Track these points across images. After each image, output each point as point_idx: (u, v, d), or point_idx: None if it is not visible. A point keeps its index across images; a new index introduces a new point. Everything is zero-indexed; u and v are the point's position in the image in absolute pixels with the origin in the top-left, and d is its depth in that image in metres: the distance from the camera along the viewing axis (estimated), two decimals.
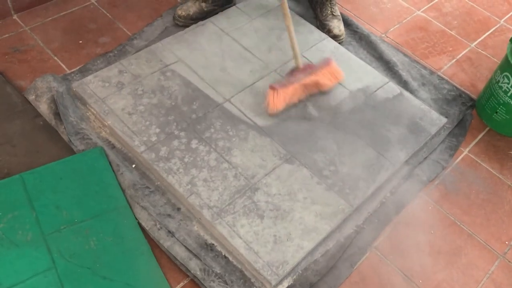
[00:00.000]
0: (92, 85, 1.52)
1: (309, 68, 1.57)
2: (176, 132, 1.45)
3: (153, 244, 1.26)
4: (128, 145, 1.42)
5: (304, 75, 1.55)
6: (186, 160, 1.40)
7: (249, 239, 1.27)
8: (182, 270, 1.23)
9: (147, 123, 1.46)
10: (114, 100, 1.49)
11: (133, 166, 1.40)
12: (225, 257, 1.27)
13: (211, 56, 1.68)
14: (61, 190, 1.29)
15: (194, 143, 1.44)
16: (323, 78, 1.58)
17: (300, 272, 1.26)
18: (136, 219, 1.29)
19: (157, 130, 1.45)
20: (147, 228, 1.28)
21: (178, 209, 1.34)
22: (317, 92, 1.60)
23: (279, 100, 1.50)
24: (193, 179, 1.36)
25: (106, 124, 1.45)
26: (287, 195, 1.36)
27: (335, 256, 1.31)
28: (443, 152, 1.60)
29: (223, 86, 1.60)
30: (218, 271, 1.23)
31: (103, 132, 1.46)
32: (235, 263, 1.26)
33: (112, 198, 1.31)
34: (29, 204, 1.25)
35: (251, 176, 1.39)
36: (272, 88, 1.49)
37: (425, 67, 1.84)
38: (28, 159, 1.35)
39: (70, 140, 1.39)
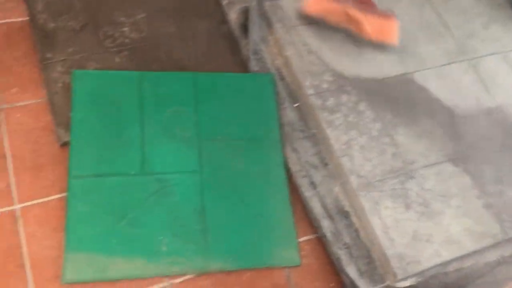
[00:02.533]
0: (285, 9, 1.47)
1: (366, 4, 1.40)
2: (347, 88, 1.38)
3: (292, 188, 1.24)
4: (298, 83, 1.37)
5: (354, 5, 1.39)
6: (349, 119, 1.33)
7: (388, 223, 1.20)
8: (312, 225, 1.20)
9: (323, 67, 1.40)
10: (300, 33, 1.44)
11: (296, 105, 1.37)
12: (357, 230, 1.21)
13: (407, 23, 1.54)
14: (226, 103, 1.29)
15: (362, 105, 1.36)
16: (369, 24, 1.39)
17: (427, 277, 1.18)
18: (285, 158, 1.26)
19: (330, 79, 1.38)
20: (292, 170, 1.25)
21: (326, 164, 1.29)
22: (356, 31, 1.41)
23: (318, 3, 1.38)
24: (351, 141, 1.30)
25: (284, 54, 1.41)
26: (440, 196, 1.26)
27: (468, 276, 1.21)
28: None
29: (412, 56, 1.47)
30: (347, 241, 1.18)
31: (278, 60, 1.42)
32: (365, 240, 1.20)
33: (269, 128, 1.29)
34: (194, 105, 1.27)
35: (410, 161, 1.29)
36: None
37: None
38: (204, 60, 1.35)
39: (249, 57, 1.37)
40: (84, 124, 1.18)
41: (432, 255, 1.18)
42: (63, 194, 1.11)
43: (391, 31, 1.43)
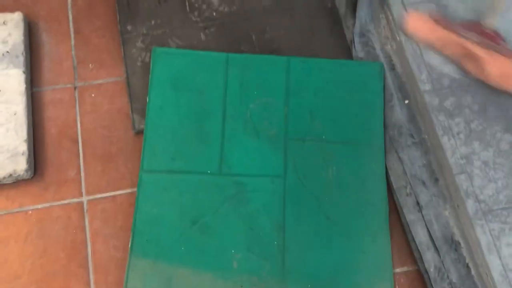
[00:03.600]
0: None
1: (492, 38, 1.06)
2: (473, 87, 1.11)
3: (392, 208, 1.04)
4: (411, 75, 1.13)
5: (477, 38, 1.05)
6: (473, 126, 1.08)
7: (511, 265, 0.97)
8: (412, 254, 1.00)
9: (445, 59, 1.14)
10: (424, 10, 1.17)
11: (406, 102, 1.13)
12: (468, 267, 1.00)
13: None
14: (322, 97, 1.09)
15: (490, 111, 1.09)
16: (494, 65, 1.04)
17: None
18: (387, 167, 1.06)
19: (453, 74, 1.12)
20: (394, 186, 1.05)
21: (436, 180, 1.06)
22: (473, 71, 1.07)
23: (427, 33, 1.07)
24: (472, 154, 1.05)
25: (398, 38, 1.16)
26: None
27: None
28: None
29: None
30: (454, 280, 0.98)
31: (389, 46, 1.19)
32: (476, 280, 0.99)
33: (372, 130, 1.08)
34: (285, 96, 1.08)
35: None
36: (432, 16, 1.07)
37: None
38: (300, 39, 1.15)
39: (354, 40, 1.15)
40: (161, 111, 1.05)
41: None
42: (133, 190, 1.01)
43: None
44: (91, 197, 1.01)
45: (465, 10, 1.15)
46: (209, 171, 1.02)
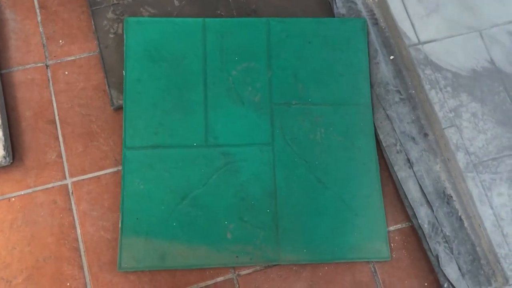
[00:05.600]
0: None
1: None
2: (467, 33, 1.09)
3: (383, 165, 1.03)
4: (395, 29, 1.09)
5: None
6: (460, 80, 1.06)
7: (502, 215, 0.97)
8: (405, 211, 1.00)
9: (428, 10, 1.10)
10: None
11: (391, 58, 1.10)
12: (461, 220, 1.00)
13: None
14: (305, 58, 1.05)
15: (483, 59, 1.07)
16: None
17: None
18: (375, 126, 1.04)
19: (441, 24, 1.09)
20: (384, 144, 1.03)
21: (425, 135, 1.05)
22: None
23: None
24: (460, 107, 1.04)
25: None
26: None
27: None
28: None
29: None
30: (448, 234, 0.98)
31: (370, 1, 1.14)
32: (469, 232, 0.99)
33: (358, 89, 1.05)
34: (267, 59, 1.05)
35: None
36: None
37: None
38: (279, 1, 1.11)
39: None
40: (139, 84, 1.01)
41: None
42: (118, 168, 0.98)
43: None
44: (75, 179, 0.97)
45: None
46: (195, 144, 0.99)
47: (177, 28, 1.05)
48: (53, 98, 1.02)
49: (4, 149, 0.94)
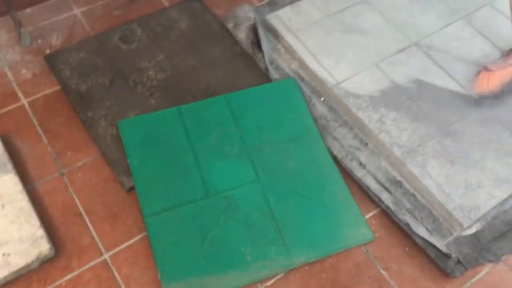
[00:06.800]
0: (285, 17, 1.58)
1: None
2: (368, 68, 1.48)
3: (344, 173, 1.32)
4: (318, 79, 1.47)
5: None
6: (375, 99, 1.42)
7: (440, 181, 1.28)
8: (372, 200, 1.28)
9: (336, 61, 1.50)
10: (306, 35, 1.54)
11: (322, 99, 1.46)
12: (414, 195, 1.30)
13: None
14: (261, 113, 1.38)
15: (386, 84, 1.46)
16: None
17: (489, 219, 1.27)
18: (328, 148, 1.35)
19: (349, 67, 1.48)
20: (339, 157, 1.34)
21: (366, 144, 1.38)
22: None
23: (494, 82, 1.44)
24: (382, 117, 1.39)
25: (297, 57, 1.51)
26: (478, 144, 1.35)
27: None
28: None
29: (410, 28, 1.58)
30: (408, 207, 1.27)
31: (293, 65, 1.52)
32: (423, 202, 1.29)
33: (306, 125, 1.38)
34: (234, 122, 1.36)
35: (442, 121, 1.38)
36: (486, 69, 1.44)
37: None
38: (229, 81, 1.45)
39: (268, 68, 1.47)
40: (143, 166, 1.26)
41: (487, 198, 1.26)
42: (144, 234, 1.19)
43: None
44: (110, 252, 1.16)
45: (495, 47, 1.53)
46: (199, 197, 1.23)
47: (160, 118, 1.34)
48: (74, 197, 1.24)
49: (48, 242, 1.12)
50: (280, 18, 1.58)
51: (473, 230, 1.25)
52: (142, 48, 1.50)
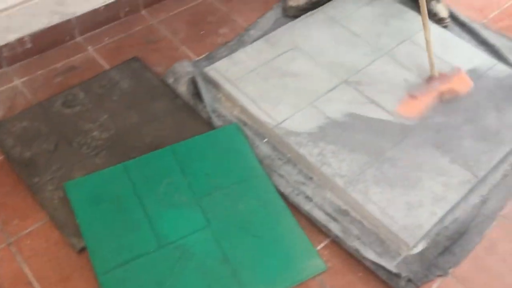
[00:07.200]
0: (223, 69, 1.66)
1: (444, 76, 1.63)
2: (305, 108, 1.56)
3: (292, 208, 1.36)
4: (259, 122, 1.54)
5: (440, 82, 1.61)
6: (313, 135, 1.50)
7: (383, 205, 1.35)
8: (321, 231, 1.32)
9: (275, 102, 1.58)
10: (244, 83, 1.62)
11: (265, 140, 1.52)
12: (360, 222, 1.35)
13: (323, 42, 1.78)
14: (207, 160, 1.42)
15: (322, 121, 1.54)
16: (458, 85, 1.63)
17: (433, 236, 1.33)
18: (275, 186, 1.40)
19: (287, 108, 1.56)
20: (286, 193, 1.38)
21: (311, 178, 1.43)
22: (451, 98, 1.61)
23: (419, 107, 1.56)
24: (322, 151, 1.46)
25: (238, 104, 1.58)
26: (414, 167, 1.43)
27: (464, 223, 1.36)
28: None
29: (339, 68, 1.69)
30: (356, 233, 1.31)
31: (235, 111, 1.59)
32: (370, 227, 1.34)
33: (252, 167, 1.43)
34: (181, 171, 1.39)
35: (378, 150, 1.47)
36: (412, 96, 1.56)
37: None
38: (173, 133, 1.49)
39: (210, 117, 1.53)
40: (92, 224, 1.26)
41: (429, 216, 1.33)
42: None
43: (468, 78, 1.66)
44: None
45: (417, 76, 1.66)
46: (151, 249, 1.24)
47: (106, 176, 1.36)
48: (24, 265, 1.21)
49: None
50: (218, 70, 1.67)
51: (419, 248, 1.30)
52: (85, 110, 1.53)
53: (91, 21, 1.79)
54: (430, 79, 1.62)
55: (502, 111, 1.59)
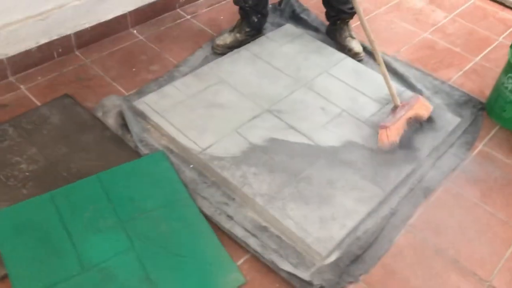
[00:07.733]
0: (151, 102, 1.76)
1: (406, 105, 1.77)
2: (229, 134, 1.67)
3: (215, 227, 1.44)
4: (186, 150, 1.63)
5: (405, 110, 1.75)
6: (236, 159, 1.60)
7: (299, 220, 1.44)
8: (242, 247, 1.40)
9: (200, 130, 1.68)
10: (171, 113, 1.72)
11: (191, 166, 1.61)
12: (278, 236, 1.44)
13: (248, 76, 1.92)
14: (133, 186, 1.49)
15: (245, 146, 1.64)
16: (420, 110, 1.79)
17: (346, 247, 1.43)
18: (198, 207, 1.47)
19: (211, 135, 1.66)
20: (208, 214, 1.46)
21: (233, 199, 1.52)
22: (415, 122, 1.77)
23: (393, 135, 1.69)
24: (245, 173, 1.56)
25: (165, 133, 1.67)
26: (327, 184, 1.55)
27: (375, 233, 1.47)
28: (460, 147, 1.79)
29: (261, 98, 1.82)
30: (274, 247, 1.40)
31: (163, 141, 1.68)
32: (287, 241, 1.43)
33: (177, 191, 1.50)
34: (107, 198, 1.45)
35: (295, 171, 1.58)
36: (383, 127, 1.69)
37: (436, 78, 2.07)
38: (101, 163, 1.55)
39: (137, 146, 1.61)
40: (15, 253, 1.29)
41: (340, 228, 1.44)
42: None
43: (427, 103, 1.85)
44: None
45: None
46: (74, 273, 1.27)
47: (31, 205, 1.40)
48: None
49: None
50: (147, 103, 1.76)
51: (332, 258, 1.40)
52: (13, 145, 1.58)
53: (24, 61, 1.86)
54: (395, 108, 1.77)
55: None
